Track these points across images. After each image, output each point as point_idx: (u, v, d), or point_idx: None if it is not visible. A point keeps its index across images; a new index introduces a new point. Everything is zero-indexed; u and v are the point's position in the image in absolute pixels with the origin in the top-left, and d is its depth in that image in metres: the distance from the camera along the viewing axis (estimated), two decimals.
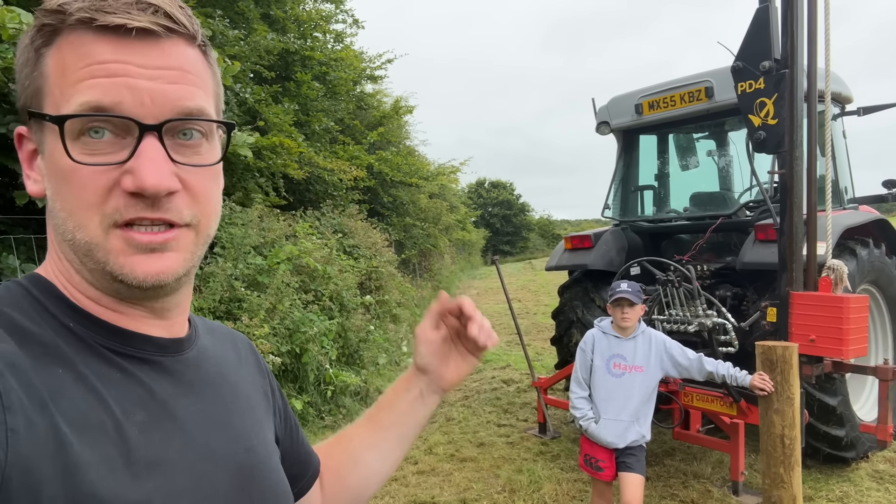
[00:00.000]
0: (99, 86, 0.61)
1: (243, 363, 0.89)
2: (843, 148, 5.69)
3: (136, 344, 0.68)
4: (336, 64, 10.74)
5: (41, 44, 0.64)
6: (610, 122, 5.93)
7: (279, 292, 5.75)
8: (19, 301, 0.64)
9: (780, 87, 3.75)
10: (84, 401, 0.60)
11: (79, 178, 0.62)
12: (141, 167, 0.62)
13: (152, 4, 0.64)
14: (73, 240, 0.64)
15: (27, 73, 0.65)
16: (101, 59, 0.62)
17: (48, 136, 0.64)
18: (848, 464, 4.59)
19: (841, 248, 4.53)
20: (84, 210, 0.62)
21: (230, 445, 0.73)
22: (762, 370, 3.19)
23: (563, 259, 5.94)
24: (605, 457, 3.39)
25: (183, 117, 0.66)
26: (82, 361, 0.62)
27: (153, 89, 0.63)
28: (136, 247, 0.64)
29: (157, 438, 0.64)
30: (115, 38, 0.62)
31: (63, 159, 0.62)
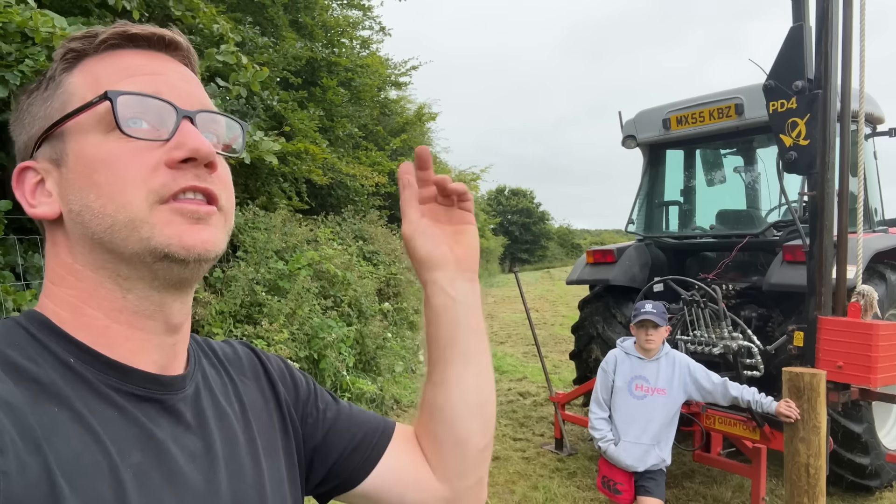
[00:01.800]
0: (139, 81, 0.67)
1: (246, 384, 0.86)
2: (873, 169, 5.59)
3: (136, 381, 0.67)
4: (361, 70, 10.80)
5: (62, 70, 0.69)
6: (636, 136, 5.88)
7: (299, 297, 5.76)
8: (17, 339, 0.64)
9: (813, 107, 3.69)
10: (80, 441, 0.59)
11: (123, 158, 0.64)
12: (190, 136, 0.66)
13: (166, 35, 0.72)
14: (112, 225, 0.64)
15: (46, 104, 0.69)
16: (137, 64, 0.69)
17: (74, 138, 0.66)
18: (872, 493, 4.49)
19: (870, 272, 4.44)
20: (129, 187, 0.64)
21: (232, 483, 0.72)
22: (789, 397, 3.13)
23: (584, 273, 5.89)
24: (623, 479, 3.34)
25: (210, 111, 0.72)
26: (80, 399, 0.61)
27: (185, 88, 0.70)
28: (182, 215, 0.65)
29: (154, 481, 0.63)
30: (145, 51, 0.70)
31: (104, 145, 0.65)
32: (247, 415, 0.81)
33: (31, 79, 3.34)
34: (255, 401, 0.85)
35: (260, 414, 0.84)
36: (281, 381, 0.91)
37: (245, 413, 0.81)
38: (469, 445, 0.93)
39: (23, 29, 2.93)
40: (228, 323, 5.04)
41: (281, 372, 0.92)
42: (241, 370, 0.87)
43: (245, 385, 0.85)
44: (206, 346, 0.86)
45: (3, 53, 3.04)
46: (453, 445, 0.92)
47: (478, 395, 0.93)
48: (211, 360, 0.84)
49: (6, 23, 2.84)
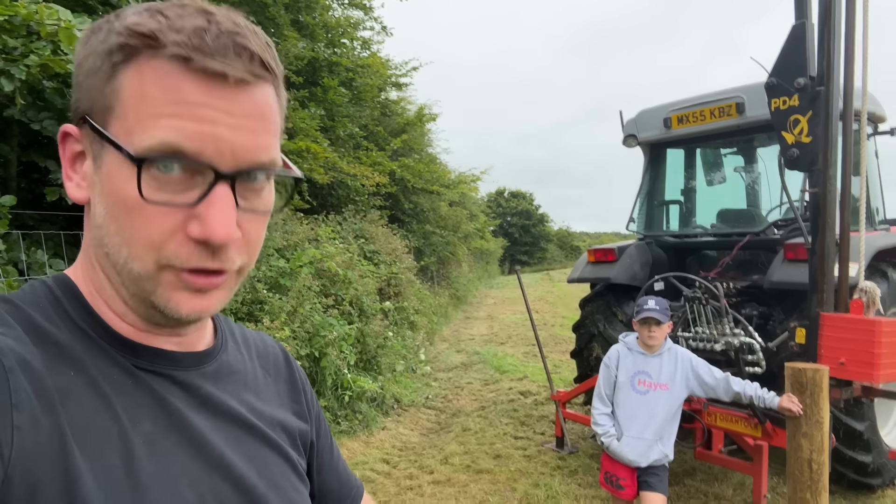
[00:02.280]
0: (184, 129, 0.59)
1: (272, 381, 0.87)
2: (875, 168, 5.60)
3: (146, 357, 0.68)
4: (363, 70, 10.81)
5: (120, 60, 0.61)
6: (637, 136, 5.89)
7: (300, 295, 5.76)
8: (41, 300, 0.65)
9: (815, 104, 3.69)
10: (92, 405, 0.60)
11: (144, 214, 0.61)
12: (212, 217, 0.61)
13: (248, 49, 0.62)
14: (124, 266, 0.63)
15: (94, 84, 0.63)
16: (190, 101, 0.60)
17: (109, 154, 0.62)
18: (873, 490, 4.48)
19: (872, 270, 4.45)
20: (144, 246, 0.61)
21: (243, 465, 0.72)
22: (791, 392, 3.13)
23: (585, 272, 5.90)
24: (626, 475, 3.34)
25: (257, 168, 0.65)
26: (95, 366, 0.62)
27: (234, 141, 0.62)
28: (187, 288, 0.64)
29: (163, 450, 0.64)
30: (206, 79, 0.60)
31: (129, 191, 0.60)
32: (262, 405, 0.81)
33: (35, 74, 3.34)
34: (273, 396, 0.85)
35: (275, 409, 0.84)
36: (303, 390, 0.93)
37: (261, 403, 0.81)
38: None
39: (28, 23, 2.93)
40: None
41: (304, 384, 0.94)
42: (266, 362, 0.88)
43: (266, 378, 0.86)
44: (237, 330, 0.87)
45: (9, 48, 3.05)
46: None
47: None
48: (238, 345, 0.85)
49: (12, 16, 2.84)
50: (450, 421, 6.75)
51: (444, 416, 7.01)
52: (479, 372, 9.27)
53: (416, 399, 7.47)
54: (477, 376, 8.97)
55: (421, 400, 7.51)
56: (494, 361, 9.88)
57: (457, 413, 7.04)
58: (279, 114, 0.69)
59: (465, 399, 7.72)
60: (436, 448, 5.78)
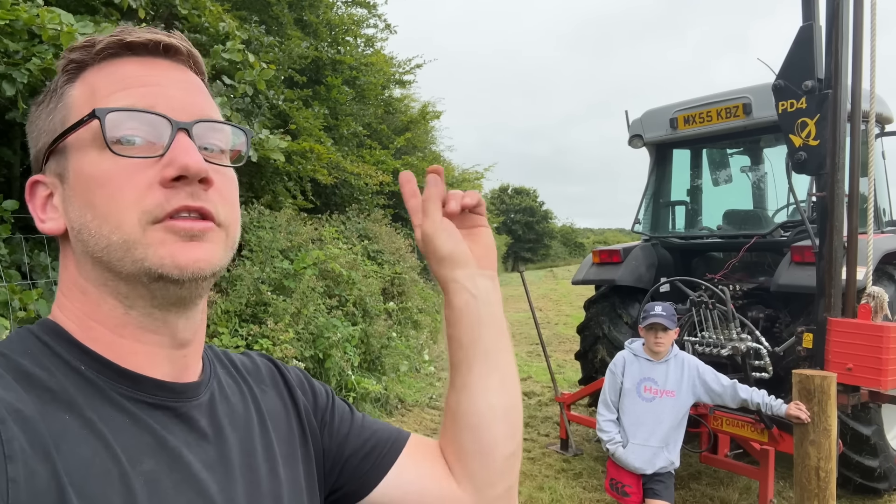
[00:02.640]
0: (133, 94, 0.65)
1: (266, 393, 0.85)
2: (881, 169, 5.56)
3: (147, 389, 0.67)
4: (366, 68, 10.78)
5: (64, 82, 0.68)
6: (643, 136, 5.86)
7: (304, 297, 5.75)
8: (29, 347, 0.64)
9: (823, 107, 3.65)
10: (90, 448, 0.59)
11: (117, 178, 0.63)
12: (181, 153, 0.64)
13: (164, 39, 0.69)
14: (107, 246, 0.63)
15: (46, 116, 0.69)
16: (133, 75, 0.67)
17: (74, 154, 0.65)
18: (880, 495, 4.47)
19: (879, 274, 4.41)
20: (122, 209, 0.63)
21: (248, 491, 0.71)
22: (799, 399, 3.10)
23: (590, 273, 5.87)
24: (631, 482, 3.32)
25: (209, 121, 0.69)
26: (91, 407, 0.61)
27: (182, 98, 0.68)
28: (176, 233, 0.64)
29: (165, 489, 0.63)
30: (141, 58, 0.68)
31: (99, 164, 0.63)
32: (265, 423, 0.80)
33: (37, 77, 3.32)
34: (273, 409, 0.84)
35: (279, 422, 0.83)
36: (300, 389, 0.90)
37: (263, 421, 0.80)
38: (496, 452, 0.88)
39: (30, 26, 2.92)
40: (234, 322, 5.02)
41: (300, 381, 0.92)
42: (259, 379, 0.86)
43: (264, 393, 0.84)
44: (222, 355, 0.86)
45: (11, 52, 3.03)
46: (479, 453, 0.88)
47: (503, 397, 0.88)
48: (227, 369, 0.84)
49: (13, 20, 2.83)
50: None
51: None
52: None
53: (420, 399, 7.46)
54: None
55: (425, 400, 7.49)
56: None
57: None
58: (216, 107, 0.75)
59: None
60: None
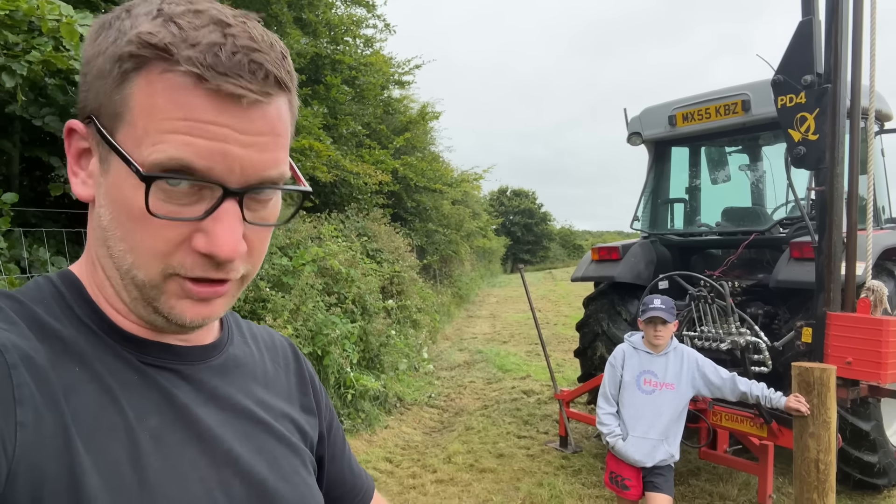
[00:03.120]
0: (193, 146, 0.58)
1: (282, 374, 0.87)
2: (881, 166, 5.56)
3: (152, 352, 0.68)
4: (365, 68, 10.79)
5: (130, 68, 0.59)
6: (642, 133, 5.86)
7: (303, 294, 5.74)
8: (45, 297, 0.65)
9: (822, 102, 3.66)
10: (97, 401, 0.59)
11: (151, 226, 0.60)
12: (218, 233, 0.61)
13: (264, 67, 0.60)
14: (128, 271, 0.63)
15: (103, 87, 0.61)
16: (202, 118, 0.58)
17: (117, 161, 0.61)
18: (879, 491, 4.46)
19: (879, 269, 4.42)
20: (150, 256, 0.61)
21: (252, 457, 0.71)
22: (798, 392, 3.10)
23: (589, 270, 5.87)
24: (631, 475, 3.32)
25: (266, 184, 0.64)
26: (101, 361, 0.62)
27: (244, 158, 0.61)
28: (190, 296, 0.64)
29: (171, 445, 0.63)
30: (218, 98, 0.59)
31: (136, 202, 0.59)
32: (271, 398, 0.81)
33: (37, 70, 3.31)
34: (281, 389, 0.85)
35: (284, 403, 0.84)
36: (311, 384, 0.92)
37: (269, 396, 0.81)
38: None
39: (30, 18, 2.91)
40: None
41: (312, 377, 0.94)
42: (274, 355, 0.87)
43: (276, 372, 0.85)
44: (243, 324, 0.87)
45: (10, 44, 3.03)
46: None
47: None
48: (244, 337, 0.84)
49: (13, 11, 2.82)
50: (452, 420, 6.73)
51: (447, 414, 6.99)
52: (481, 370, 9.25)
53: (418, 398, 7.45)
54: (480, 375, 8.95)
55: (424, 398, 7.49)
56: (497, 360, 9.86)
57: (459, 412, 7.02)
58: (291, 124, 0.68)
59: (467, 398, 7.70)
60: (438, 447, 5.76)
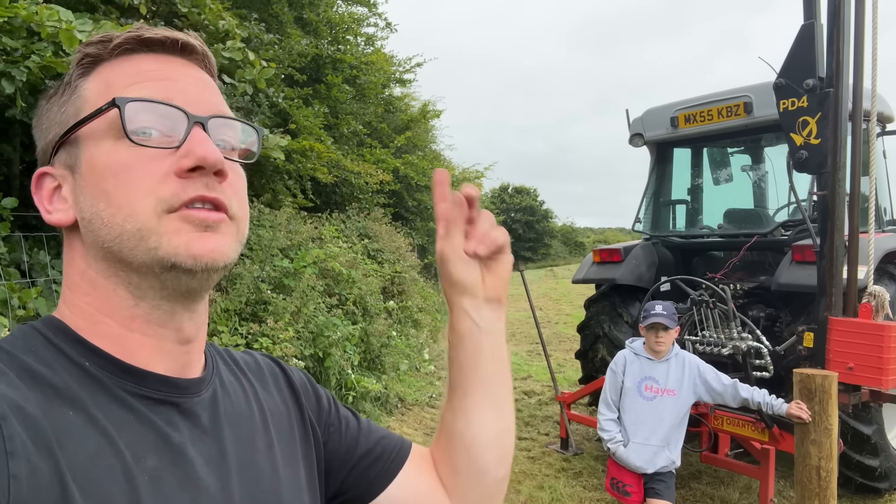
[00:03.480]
0: (150, 87, 0.66)
1: (274, 391, 0.86)
2: (882, 168, 5.55)
3: (151, 385, 0.67)
4: (366, 67, 10.77)
5: (79, 75, 0.69)
6: (644, 135, 5.85)
7: (304, 296, 5.74)
8: (32, 344, 0.64)
9: (824, 106, 3.65)
10: (93, 444, 0.59)
11: (133, 167, 0.64)
12: (198, 144, 0.65)
13: (179, 33, 0.71)
14: (120, 234, 0.63)
15: (58, 108, 0.69)
16: (149, 69, 0.68)
17: (87, 144, 0.66)
18: (881, 494, 4.46)
19: (880, 273, 4.41)
20: (138, 197, 0.63)
21: (250, 489, 0.72)
22: (799, 398, 3.10)
23: (590, 272, 5.86)
24: (632, 481, 3.31)
25: (224, 116, 0.71)
26: (95, 403, 0.61)
27: (197, 93, 0.69)
28: (191, 223, 0.64)
29: (169, 486, 0.63)
30: (157, 55, 0.69)
31: (115, 153, 0.64)
32: (267, 421, 0.80)
33: (37, 75, 3.31)
34: (275, 408, 0.84)
35: (281, 421, 0.83)
36: (303, 391, 0.91)
37: (265, 419, 0.80)
38: (487, 475, 0.92)
39: (29, 24, 2.91)
40: (234, 321, 5.02)
41: (303, 383, 0.92)
42: (261, 378, 0.87)
43: (266, 392, 0.85)
44: (224, 353, 0.86)
45: (10, 49, 3.02)
46: (471, 474, 0.91)
47: (497, 424, 0.91)
48: (229, 366, 0.84)
49: (12, 17, 2.82)
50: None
51: None
52: None
53: (420, 398, 7.45)
54: None
55: (425, 399, 7.49)
56: None
57: None
58: (227, 106, 0.75)
59: None
60: None
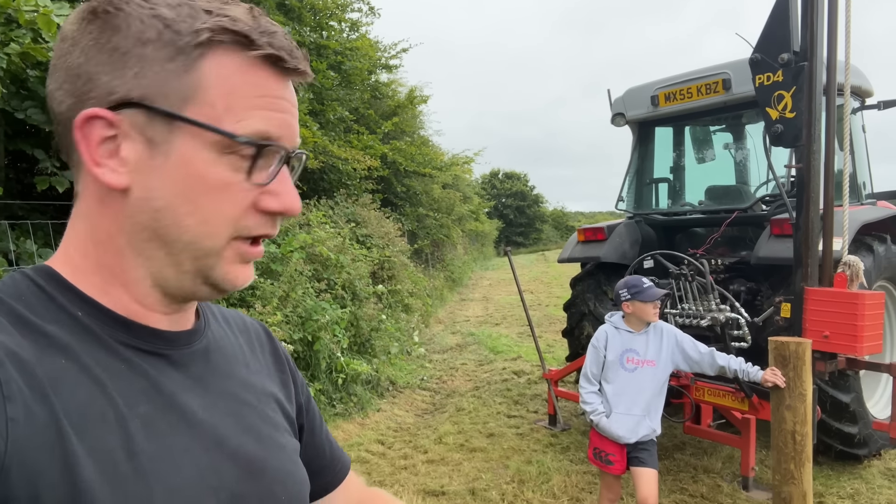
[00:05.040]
0: (274, 119, 0.67)
1: (258, 354, 0.89)
2: (862, 143, 5.61)
3: (143, 336, 0.68)
4: (351, 53, 10.72)
5: (199, 53, 0.64)
6: (625, 114, 5.89)
7: (292, 280, 5.78)
8: (23, 292, 0.64)
9: (799, 79, 3.70)
10: (86, 391, 0.60)
11: (230, 190, 0.66)
12: (286, 192, 0.69)
13: (301, 50, 0.71)
14: (191, 242, 0.66)
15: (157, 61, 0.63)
16: (274, 94, 0.68)
17: (187, 139, 0.64)
18: (860, 461, 4.56)
19: (857, 244, 4.49)
20: (223, 221, 0.66)
21: (239, 437, 0.73)
22: (775, 366, 3.17)
23: (575, 251, 5.93)
24: (615, 451, 3.39)
25: (300, 151, 0.75)
26: (86, 352, 0.62)
27: (294, 126, 0.71)
28: (245, 258, 0.70)
29: (162, 431, 0.64)
30: (277, 73, 0.68)
31: (215, 168, 0.65)
32: (252, 378, 0.83)
33: (17, 63, 3.31)
34: (260, 368, 0.87)
35: (271, 380, 0.87)
36: (287, 364, 0.95)
37: (251, 375, 0.83)
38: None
39: (6, 10, 2.91)
40: (221, 305, 5.05)
41: (287, 358, 0.96)
42: (248, 339, 0.90)
43: (252, 353, 0.88)
44: (216, 309, 0.89)
45: None
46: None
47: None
48: (219, 322, 0.86)
49: None
50: (444, 401, 6.81)
51: (439, 396, 7.07)
52: (473, 353, 9.34)
53: (411, 381, 7.53)
54: (471, 357, 9.03)
55: (416, 381, 7.57)
56: (489, 342, 9.94)
57: (451, 394, 7.10)
58: None
59: (459, 380, 7.79)
60: (430, 428, 5.84)
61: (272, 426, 0.80)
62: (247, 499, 0.71)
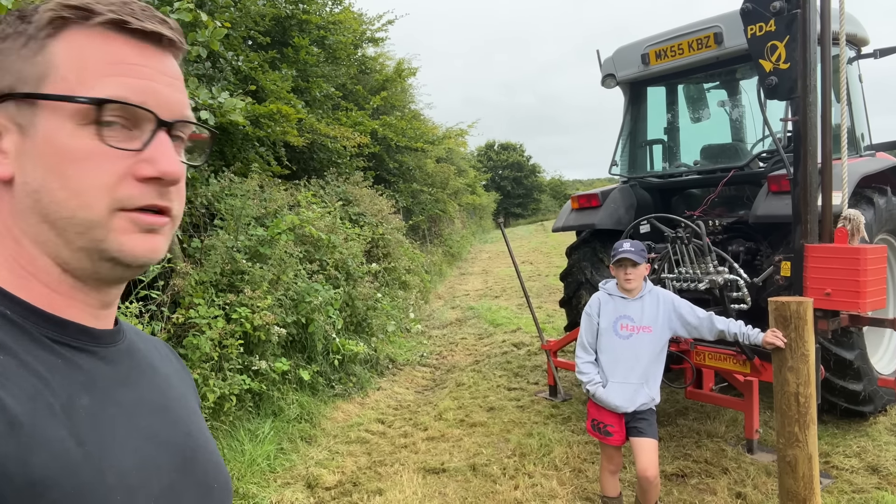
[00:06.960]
0: (129, 84, 0.67)
1: (167, 362, 0.92)
2: (859, 93, 5.46)
3: (72, 334, 0.70)
4: (335, 27, 10.46)
5: (48, 34, 0.67)
6: (616, 75, 5.71)
7: (282, 263, 5.66)
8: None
9: (792, 28, 3.56)
10: (30, 384, 0.61)
11: (95, 159, 0.65)
12: (162, 156, 0.68)
13: (167, 21, 0.72)
14: (70, 218, 0.66)
15: (14, 56, 0.67)
16: (131, 61, 0.68)
17: (49, 117, 0.66)
18: (866, 418, 4.50)
19: (858, 197, 4.36)
20: (96, 192, 0.65)
21: (170, 430, 0.76)
22: (776, 327, 3.06)
23: (570, 219, 5.81)
24: (613, 421, 3.31)
25: (187, 121, 0.73)
26: (23, 349, 0.63)
27: (169, 95, 0.71)
28: (139, 226, 0.68)
29: (104, 421, 0.66)
30: (140, 43, 0.69)
31: (78, 139, 0.65)
32: (171, 378, 0.86)
33: None
34: (173, 371, 0.90)
35: (179, 383, 0.90)
36: (191, 380, 0.97)
37: (170, 376, 0.87)
38: None
39: None
40: (210, 293, 4.94)
41: (190, 376, 0.98)
42: (156, 345, 0.93)
43: (161, 359, 0.90)
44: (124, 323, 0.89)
45: None
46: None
47: None
48: (137, 334, 0.88)
49: None
50: (444, 377, 6.75)
51: (439, 372, 7.01)
52: (473, 327, 9.27)
53: (410, 358, 7.47)
54: (471, 331, 8.97)
55: (416, 358, 7.51)
56: (488, 315, 9.88)
57: (451, 369, 7.04)
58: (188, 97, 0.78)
59: (459, 354, 7.73)
60: (430, 405, 5.78)
61: (197, 421, 0.84)
62: (185, 485, 0.74)
